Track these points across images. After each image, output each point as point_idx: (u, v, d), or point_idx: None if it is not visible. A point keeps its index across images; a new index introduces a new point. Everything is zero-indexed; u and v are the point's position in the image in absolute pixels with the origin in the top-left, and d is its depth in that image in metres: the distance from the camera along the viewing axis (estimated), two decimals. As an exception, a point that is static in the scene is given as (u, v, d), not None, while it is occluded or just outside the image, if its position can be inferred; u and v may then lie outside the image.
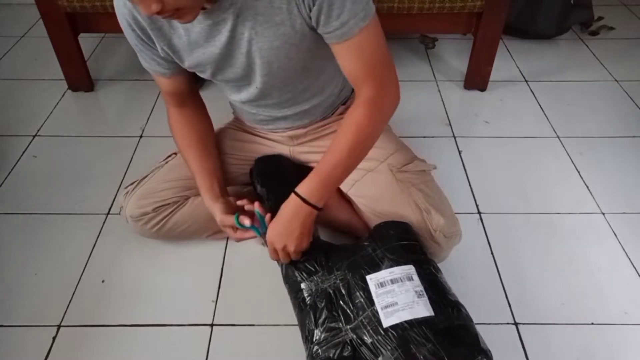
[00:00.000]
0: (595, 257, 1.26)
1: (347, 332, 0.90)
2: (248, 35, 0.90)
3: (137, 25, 0.95)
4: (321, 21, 0.86)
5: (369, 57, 0.90)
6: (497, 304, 1.15)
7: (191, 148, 1.12)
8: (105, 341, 1.08)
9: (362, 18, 0.86)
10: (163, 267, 1.24)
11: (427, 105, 1.79)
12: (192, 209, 1.17)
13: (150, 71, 1.06)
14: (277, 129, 1.18)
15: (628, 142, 1.62)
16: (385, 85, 0.93)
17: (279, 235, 0.97)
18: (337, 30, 0.86)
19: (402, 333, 0.86)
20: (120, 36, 2.20)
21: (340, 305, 0.94)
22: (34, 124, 1.70)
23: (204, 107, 1.18)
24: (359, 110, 0.93)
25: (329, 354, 0.89)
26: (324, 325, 0.93)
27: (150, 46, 0.99)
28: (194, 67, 1.00)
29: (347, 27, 0.86)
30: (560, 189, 1.46)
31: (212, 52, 0.94)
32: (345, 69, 0.93)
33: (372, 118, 0.93)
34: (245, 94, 1.06)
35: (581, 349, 1.07)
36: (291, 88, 1.05)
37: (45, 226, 1.34)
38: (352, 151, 0.93)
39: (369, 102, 0.92)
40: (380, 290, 0.92)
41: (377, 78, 0.92)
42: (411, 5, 1.61)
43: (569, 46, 2.15)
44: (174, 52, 0.98)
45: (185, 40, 0.94)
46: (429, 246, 1.05)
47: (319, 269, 1.00)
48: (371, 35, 0.88)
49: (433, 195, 1.08)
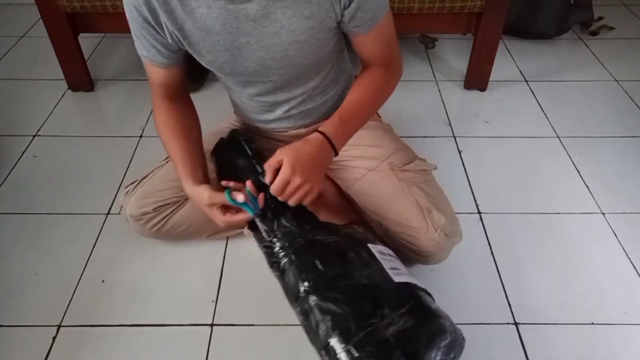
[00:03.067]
0: (595, 257, 1.26)
1: (360, 278, 0.85)
2: (272, 28, 0.90)
3: (148, 5, 0.89)
4: (357, 17, 0.92)
5: (387, 38, 1.00)
6: (497, 304, 1.15)
7: (174, 135, 1.04)
8: (105, 341, 1.08)
9: (385, 7, 0.95)
10: (163, 267, 1.24)
11: (427, 105, 1.79)
12: (192, 208, 1.16)
13: (147, 59, 1.01)
14: (279, 129, 1.18)
15: (628, 142, 1.62)
16: (398, 58, 1.05)
17: (301, 168, 0.86)
18: (368, 22, 0.94)
19: (413, 291, 0.87)
20: (120, 36, 2.23)
21: (347, 256, 0.89)
22: (34, 124, 1.70)
23: (192, 104, 1.13)
24: (377, 71, 1.02)
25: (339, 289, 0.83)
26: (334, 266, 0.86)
27: (156, 30, 0.94)
28: (206, 55, 0.96)
29: (375, 19, 0.94)
30: (560, 189, 1.46)
31: (228, 39, 0.92)
32: (364, 51, 1.01)
33: (388, 78, 1.04)
34: (255, 89, 1.06)
35: (581, 349, 1.07)
36: (303, 83, 1.05)
37: (45, 226, 1.34)
38: (372, 101, 1.02)
39: (386, 66, 1.02)
40: (383, 257, 0.92)
41: (392, 52, 1.03)
42: (411, 5, 1.61)
43: (569, 46, 2.15)
44: (184, 38, 0.94)
45: (201, 25, 0.91)
46: (429, 245, 1.05)
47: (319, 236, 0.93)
48: (389, 19, 0.98)
49: (434, 194, 1.08)
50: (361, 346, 0.78)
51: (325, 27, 0.92)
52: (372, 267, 0.89)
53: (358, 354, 0.77)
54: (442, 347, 0.81)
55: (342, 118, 0.97)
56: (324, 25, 0.91)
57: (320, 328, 0.81)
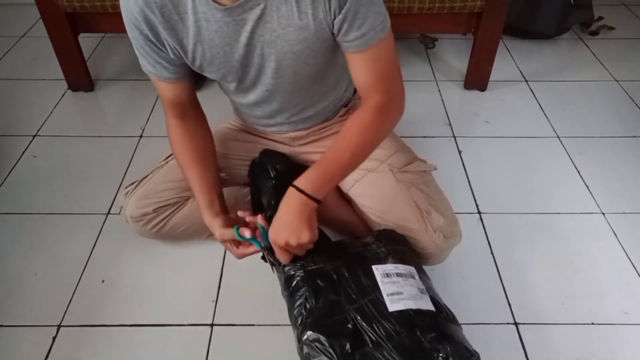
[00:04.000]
0: (595, 257, 1.26)
1: (349, 312, 0.87)
2: (269, 37, 0.89)
3: (148, 24, 0.90)
4: (343, 29, 0.87)
5: (383, 67, 0.92)
6: (497, 304, 1.15)
7: (191, 163, 1.07)
8: (105, 341, 1.08)
9: (382, 30, 0.88)
10: (163, 267, 1.24)
11: (427, 105, 1.79)
12: (192, 209, 1.16)
13: (153, 76, 1.02)
14: (279, 131, 1.18)
15: (628, 142, 1.62)
16: (395, 95, 0.95)
17: (278, 232, 0.91)
18: (357, 40, 0.88)
19: (408, 319, 0.85)
20: (120, 36, 2.22)
21: (343, 285, 0.91)
22: (34, 124, 1.70)
23: (204, 119, 1.14)
24: (366, 116, 0.93)
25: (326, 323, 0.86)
26: (326, 298, 0.89)
27: (158, 47, 0.95)
28: (206, 67, 0.97)
29: (366, 38, 0.87)
30: (560, 189, 1.46)
31: (228, 51, 0.93)
32: (358, 77, 0.93)
33: (379, 124, 0.94)
34: (255, 97, 1.05)
35: (581, 349, 1.07)
36: (301, 93, 1.05)
37: (45, 226, 1.34)
38: (354, 153, 0.94)
39: (378, 108, 0.93)
40: (385, 280, 0.91)
41: (388, 87, 0.93)
42: (411, 5, 1.61)
43: (569, 46, 2.15)
44: (185, 52, 0.95)
45: (201, 38, 0.91)
46: (429, 247, 1.05)
47: (320, 263, 0.96)
48: (387, 46, 0.91)
49: (433, 195, 1.08)
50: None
51: (319, 38, 0.90)
52: (368, 295, 0.89)
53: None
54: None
55: (318, 169, 0.92)
56: (318, 37, 0.90)
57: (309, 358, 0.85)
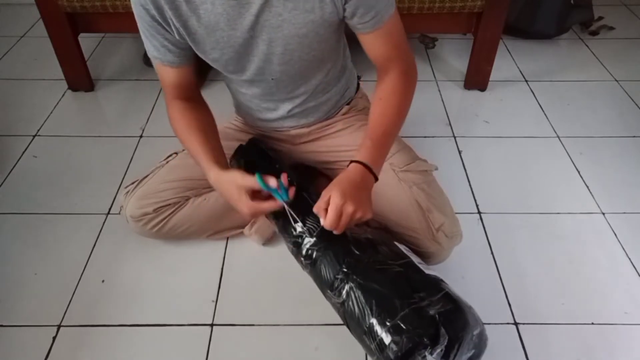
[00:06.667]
0: (595, 257, 1.26)
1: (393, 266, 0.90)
2: (274, 21, 0.90)
3: (155, 4, 0.90)
4: (358, 13, 0.92)
5: (397, 39, 0.99)
6: (497, 304, 1.15)
7: (191, 133, 1.02)
8: (105, 341, 1.08)
9: (391, 5, 0.95)
10: (163, 267, 1.24)
11: (427, 105, 1.79)
12: (192, 209, 1.17)
13: (157, 60, 1.01)
14: (281, 128, 1.18)
15: (628, 142, 1.62)
16: (410, 59, 1.02)
17: (352, 199, 0.86)
18: (372, 19, 0.93)
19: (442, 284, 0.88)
20: (120, 36, 2.23)
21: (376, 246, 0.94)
22: (34, 124, 1.70)
23: (206, 105, 1.13)
24: (394, 82, 0.99)
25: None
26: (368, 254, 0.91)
27: (165, 29, 0.94)
28: (210, 52, 0.97)
29: (380, 17, 0.93)
30: (560, 189, 1.46)
31: (232, 35, 0.93)
32: (376, 52, 0.99)
33: (407, 86, 1.01)
34: (258, 88, 1.06)
35: (581, 349, 1.07)
36: (305, 81, 1.06)
37: (45, 226, 1.34)
38: (399, 117, 0.99)
39: (402, 74, 1.00)
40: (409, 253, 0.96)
41: (404, 54, 1.01)
42: (411, 5, 1.61)
43: (569, 46, 2.15)
44: (189, 35, 0.94)
45: (205, 22, 0.91)
46: (430, 246, 1.05)
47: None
48: (396, 19, 0.97)
49: (435, 195, 1.08)
50: (408, 320, 0.80)
51: (326, 21, 0.92)
52: (403, 258, 0.92)
53: (406, 327, 0.78)
54: (474, 336, 0.82)
55: (374, 141, 0.94)
56: (325, 20, 0.92)
57: (364, 307, 0.84)
